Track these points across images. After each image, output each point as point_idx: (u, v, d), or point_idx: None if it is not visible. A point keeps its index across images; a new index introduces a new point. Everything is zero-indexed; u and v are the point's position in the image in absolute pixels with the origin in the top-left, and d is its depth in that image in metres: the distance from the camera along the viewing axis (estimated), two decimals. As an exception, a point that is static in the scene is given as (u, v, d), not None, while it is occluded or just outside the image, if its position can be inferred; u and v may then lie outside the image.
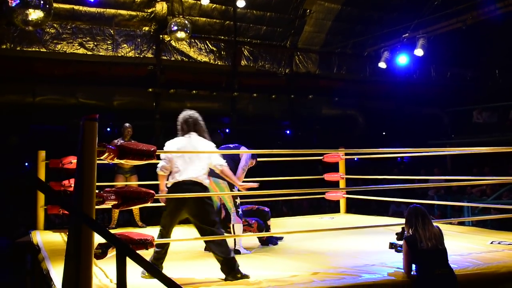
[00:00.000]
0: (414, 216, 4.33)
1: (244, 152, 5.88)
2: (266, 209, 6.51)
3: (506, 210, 8.09)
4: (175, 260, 5.25)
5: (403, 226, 4.60)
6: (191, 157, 4.70)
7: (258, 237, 6.16)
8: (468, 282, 4.37)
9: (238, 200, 5.81)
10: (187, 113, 5.11)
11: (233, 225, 5.74)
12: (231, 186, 5.73)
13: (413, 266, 4.28)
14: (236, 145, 6.05)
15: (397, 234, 4.71)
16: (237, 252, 5.57)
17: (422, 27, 12.94)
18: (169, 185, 4.78)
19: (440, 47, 15.18)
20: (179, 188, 4.60)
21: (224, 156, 5.72)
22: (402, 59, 13.50)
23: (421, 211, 4.36)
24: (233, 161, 5.86)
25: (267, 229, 6.38)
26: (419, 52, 12.59)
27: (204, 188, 4.74)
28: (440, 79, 17.30)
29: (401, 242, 4.52)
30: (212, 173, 5.69)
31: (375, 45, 15.26)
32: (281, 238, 6.33)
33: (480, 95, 17.04)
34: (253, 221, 6.10)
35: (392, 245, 4.76)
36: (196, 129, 5.00)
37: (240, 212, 5.78)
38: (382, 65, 13.80)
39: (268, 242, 6.20)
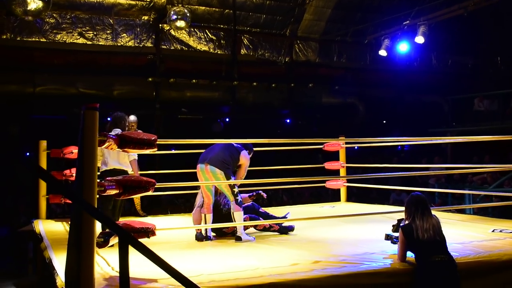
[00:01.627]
0: (414, 206, 4.33)
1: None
2: (249, 204, 6.47)
3: (508, 198, 8.12)
4: (171, 249, 5.27)
5: (399, 218, 4.61)
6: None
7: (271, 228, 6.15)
8: (469, 270, 4.38)
9: (236, 189, 5.79)
10: (115, 113, 5.97)
11: (233, 213, 5.75)
12: (228, 176, 5.74)
13: (412, 254, 4.29)
14: (239, 146, 6.08)
15: (393, 226, 4.72)
16: (239, 238, 5.59)
17: (423, 14, 12.85)
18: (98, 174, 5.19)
19: (441, 34, 15.10)
20: (108, 176, 4.81)
21: (225, 152, 5.83)
22: (403, 47, 13.44)
23: (421, 201, 4.35)
24: (231, 157, 5.90)
25: (267, 216, 6.39)
26: (420, 39, 12.53)
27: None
28: (441, 67, 17.24)
29: (396, 234, 4.53)
30: (210, 162, 5.71)
31: (375, 32, 15.19)
32: (292, 228, 6.22)
33: (481, 82, 17.00)
34: (245, 216, 6.09)
35: (388, 237, 4.75)
36: (120, 126, 5.79)
37: (239, 200, 5.77)
38: (382, 53, 13.74)
39: (287, 230, 6.15)
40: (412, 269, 4.24)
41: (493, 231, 5.84)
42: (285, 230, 6.13)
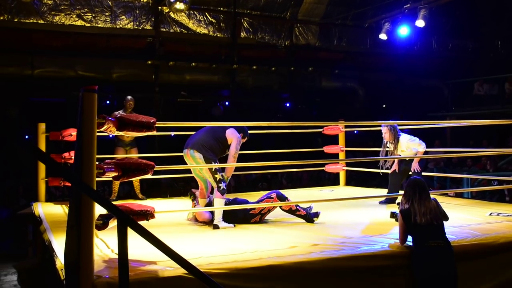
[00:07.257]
0: (412, 190, 4.34)
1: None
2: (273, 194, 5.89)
3: (506, 181, 8.14)
4: (170, 232, 5.29)
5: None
6: None
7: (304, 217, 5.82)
8: (466, 253, 4.41)
9: (219, 175, 5.48)
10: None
11: (213, 200, 5.61)
12: (208, 160, 5.45)
13: (410, 237, 4.32)
14: (231, 127, 5.73)
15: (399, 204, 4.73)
16: (216, 227, 5.43)
17: (423, -3, 12.78)
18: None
19: (442, 18, 15.02)
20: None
21: (208, 135, 5.59)
22: (403, 31, 13.37)
23: (420, 185, 4.35)
24: (215, 139, 5.59)
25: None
26: (420, 23, 12.46)
27: None
28: (441, 51, 17.16)
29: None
30: (192, 146, 5.56)
31: (376, 16, 15.09)
32: (317, 214, 5.79)
33: (481, 66, 16.94)
34: (273, 193, 5.75)
35: (393, 215, 4.77)
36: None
37: (222, 187, 5.46)
38: (383, 36, 13.68)
39: (310, 217, 5.75)
40: (409, 252, 4.27)
41: (490, 214, 5.88)
42: (310, 219, 5.73)
